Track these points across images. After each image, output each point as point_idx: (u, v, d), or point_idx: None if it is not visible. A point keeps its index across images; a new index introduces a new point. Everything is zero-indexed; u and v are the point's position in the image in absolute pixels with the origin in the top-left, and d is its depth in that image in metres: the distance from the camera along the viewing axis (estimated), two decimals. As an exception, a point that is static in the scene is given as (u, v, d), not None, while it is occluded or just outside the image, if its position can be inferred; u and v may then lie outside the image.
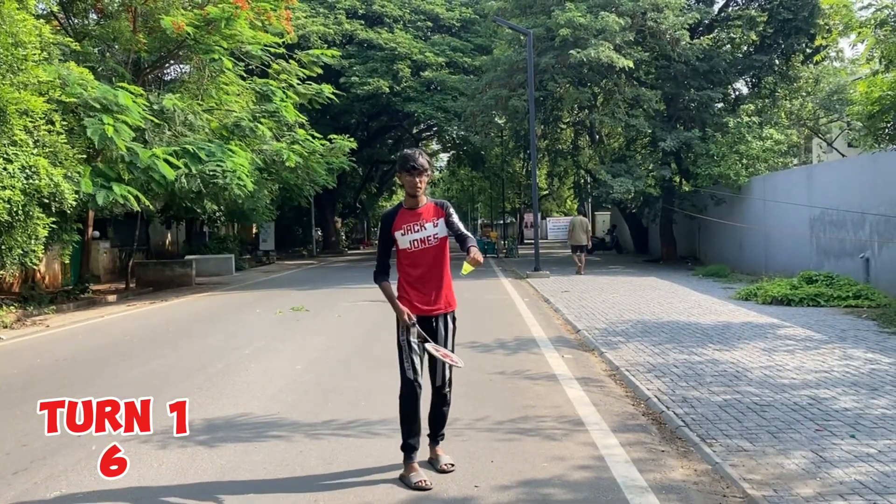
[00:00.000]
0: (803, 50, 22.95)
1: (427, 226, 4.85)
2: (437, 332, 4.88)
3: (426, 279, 4.88)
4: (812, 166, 20.72)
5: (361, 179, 48.67)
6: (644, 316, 11.59)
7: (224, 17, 17.41)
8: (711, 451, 4.93)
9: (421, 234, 4.84)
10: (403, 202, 4.93)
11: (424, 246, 4.85)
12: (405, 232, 4.83)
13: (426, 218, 4.86)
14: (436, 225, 4.87)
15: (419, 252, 4.86)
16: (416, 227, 4.83)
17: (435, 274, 4.91)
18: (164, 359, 9.33)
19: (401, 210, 4.89)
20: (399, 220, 4.84)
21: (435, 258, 4.91)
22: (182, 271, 22.31)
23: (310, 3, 34.52)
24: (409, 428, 4.81)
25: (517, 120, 25.81)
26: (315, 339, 10.69)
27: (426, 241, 4.85)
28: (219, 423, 6.08)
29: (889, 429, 5.33)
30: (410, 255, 4.85)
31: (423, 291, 4.87)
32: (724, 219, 20.20)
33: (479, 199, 68.17)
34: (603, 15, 20.86)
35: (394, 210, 4.94)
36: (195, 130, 17.50)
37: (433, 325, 4.89)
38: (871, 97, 10.59)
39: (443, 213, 4.91)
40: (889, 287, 12.36)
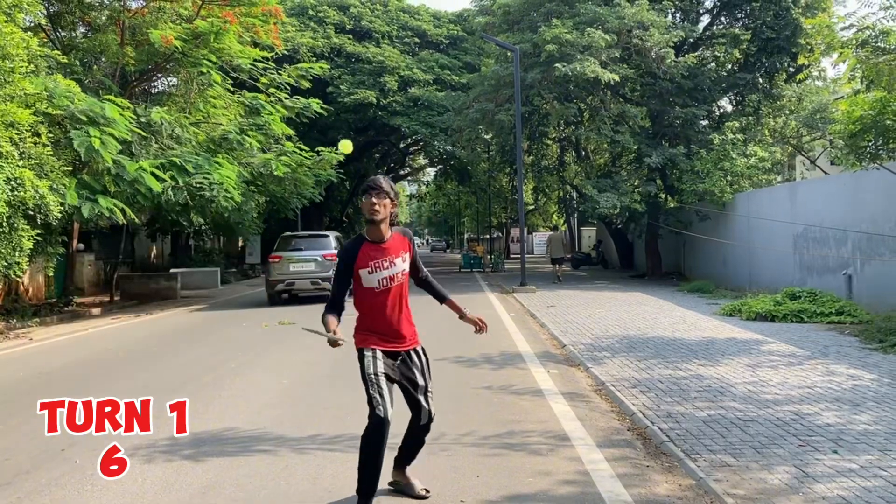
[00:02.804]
0: (786, 69, 23.25)
1: (396, 261, 4.33)
2: (413, 365, 4.48)
3: (393, 318, 4.40)
4: (795, 184, 20.93)
5: (348, 193, 48.63)
6: (629, 331, 11.65)
7: (213, 31, 17.44)
8: (696, 467, 4.97)
9: (390, 270, 4.31)
10: (366, 233, 4.37)
11: (392, 284, 4.33)
12: (372, 270, 4.29)
13: (394, 252, 4.33)
14: (404, 260, 4.40)
15: (385, 291, 4.33)
16: (384, 264, 4.29)
17: (400, 310, 4.43)
18: (148, 372, 9.28)
19: (364, 244, 4.33)
20: (363, 255, 4.29)
21: (401, 294, 4.43)
22: (167, 284, 22.22)
23: (299, 18, 34.66)
24: (371, 475, 4.25)
25: (503, 135, 25.94)
26: (301, 353, 10.67)
27: (394, 278, 4.33)
28: (204, 437, 6.06)
29: (871, 444, 5.38)
30: (376, 296, 4.33)
31: (389, 333, 4.41)
32: (709, 235, 20.35)
33: (466, 213, 68.29)
34: (589, 31, 21.06)
35: (355, 243, 4.35)
36: (182, 143, 17.49)
37: (406, 360, 4.48)
38: (852, 116, 10.72)
39: (409, 247, 4.47)
40: (871, 303, 12.49)
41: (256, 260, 34.69)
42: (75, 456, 5.66)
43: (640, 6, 21.62)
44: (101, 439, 5.81)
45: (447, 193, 62.65)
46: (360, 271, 4.30)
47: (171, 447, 5.71)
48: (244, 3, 18.85)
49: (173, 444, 5.76)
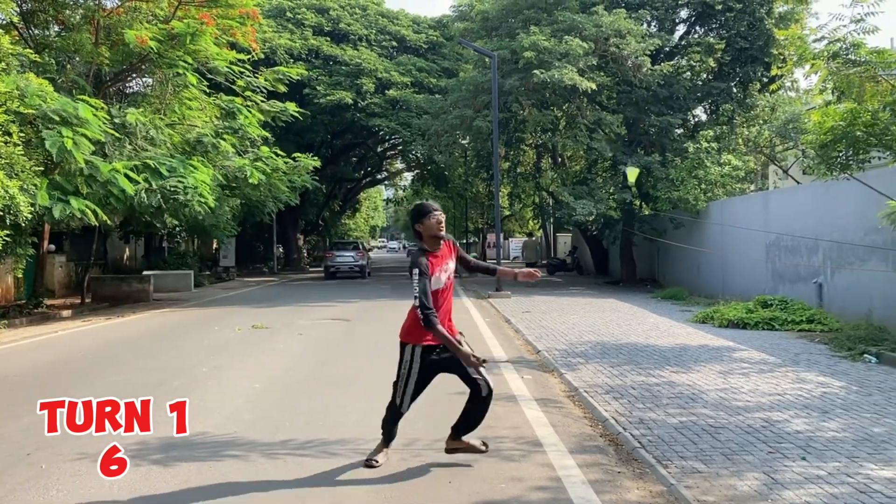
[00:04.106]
0: (760, 79, 23.53)
1: (450, 263, 5.20)
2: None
3: (446, 310, 5.21)
4: (768, 193, 21.18)
5: (325, 197, 48.48)
6: (603, 337, 11.70)
7: (189, 32, 17.28)
8: (667, 473, 4.99)
9: (447, 272, 5.16)
10: (426, 246, 5.12)
11: (449, 282, 5.19)
12: (438, 274, 5.08)
13: (447, 257, 5.19)
14: (453, 261, 5.26)
15: (445, 289, 5.18)
16: (444, 268, 5.13)
17: (449, 303, 5.29)
18: (118, 376, 9.16)
19: (428, 255, 5.08)
20: (431, 264, 5.04)
21: (451, 292, 5.30)
22: (140, 287, 21.98)
23: (277, 20, 34.53)
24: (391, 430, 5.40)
25: (481, 140, 26.00)
26: (274, 357, 10.60)
27: (450, 277, 5.20)
28: (174, 441, 5.98)
29: (838, 451, 5.45)
30: (438, 294, 5.11)
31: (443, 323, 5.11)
32: (683, 242, 20.52)
33: (443, 218, 68.18)
34: (567, 39, 21.18)
35: (424, 255, 5.06)
36: (157, 145, 17.30)
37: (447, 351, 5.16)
38: (823, 127, 10.86)
39: (455, 249, 5.32)
40: (841, 312, 12.65)
41: (231, 263, 34.39)
42: (41, 461, 5.57)
43: (618, 15, 21.80)
44: (68, 444, 5.74)
45: (424, 198, 62.55)
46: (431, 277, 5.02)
47: (140, 452, 5.63)
48: (221, 5, 18.70)
49: (141, 449, 5.69)
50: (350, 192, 55.28)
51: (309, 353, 10.97)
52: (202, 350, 11.34)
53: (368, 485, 4.97)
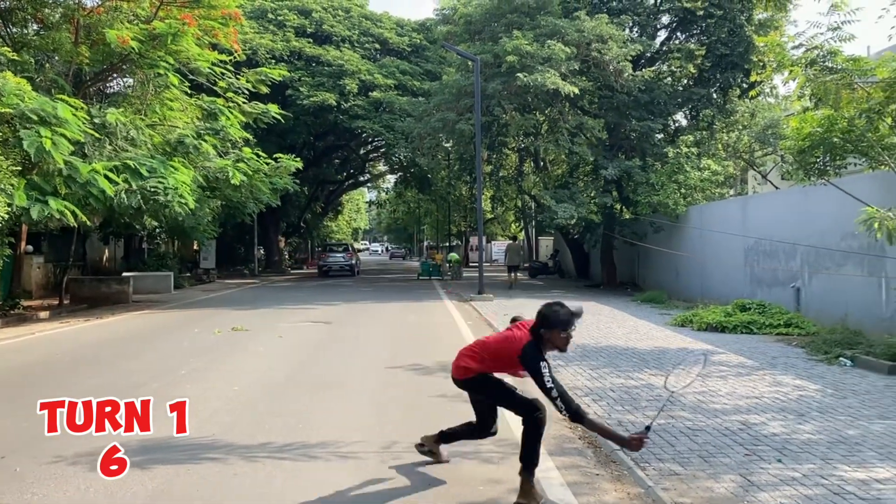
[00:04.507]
0: (740, 85, 23.75)
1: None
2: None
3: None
4: (747, 197, 21.37)
5: (307, 199, 48.30)
6: (583, 340, 11.75)
7: (170, 32, 17.18)
8: (644, 475, 5.03)
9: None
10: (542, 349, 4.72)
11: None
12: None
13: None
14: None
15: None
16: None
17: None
18: (96, 378, 9.09)
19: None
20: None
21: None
22: (119, 288, 21.80)
23: (259, 21, 34.39)
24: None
25: (463, 143, 26.04)
26: (254, 360, 10.56)
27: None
28: (152, 444, 5.94)
29: (813, 453, 5.51)
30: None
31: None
32: (663, 246, 20.65)
33: (426, 221, 68.33)
34: (549, 44, 21.28)
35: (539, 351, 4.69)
36: (137, 146, 17.17)
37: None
38: (801, 133, 10.99)
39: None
40: (818, 316, 12.79)
41: (211, 265, 34.16)
42: (15, 464, 5.52)
43: (600, 20, 21.94)
44: (43, 447, 5.70)
45: (407, 201, 62.65)
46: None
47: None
48: (204, 6, 18.61)
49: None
50: (332, 194, 55.14)
51: (289, 356, 10.94)
52: (181, 352, 11.28)
53: (348, 487, 4.97)
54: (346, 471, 5.32)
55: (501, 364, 5.00)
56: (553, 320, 4.64)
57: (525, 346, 4.68)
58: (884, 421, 6.52)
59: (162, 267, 27.43)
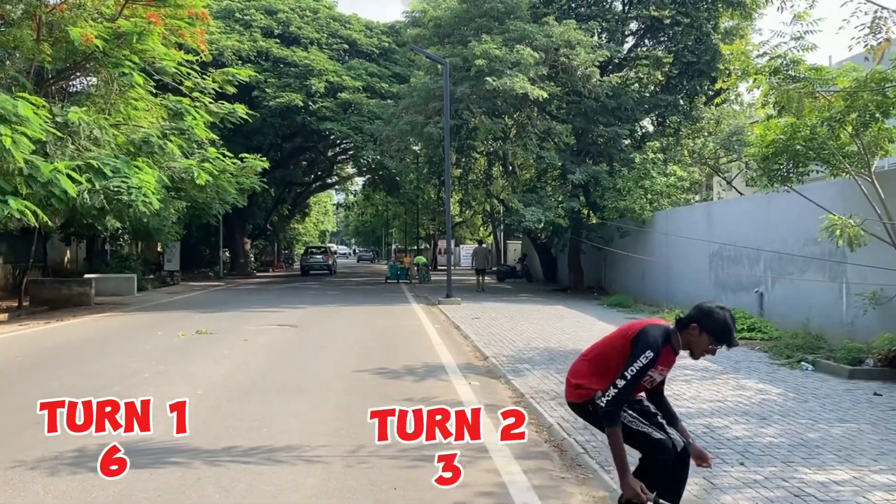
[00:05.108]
0: (706, 92, 24.09)
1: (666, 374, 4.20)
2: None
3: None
4: (712, 203, 21.65)
5: (273, 201, 47.93)
6: (550, 344, 11.81)
7: (136, 31, 16.93)
8: (609, 479, 5.05)
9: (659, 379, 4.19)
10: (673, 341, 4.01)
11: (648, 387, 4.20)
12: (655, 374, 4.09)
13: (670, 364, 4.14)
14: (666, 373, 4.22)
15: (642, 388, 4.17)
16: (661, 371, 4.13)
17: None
18: (56, 381, 8.92)
19: (666, 347, 3.99)
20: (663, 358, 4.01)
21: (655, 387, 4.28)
22: (80, 290, 21.41)
23: (225, 21, 34.08)
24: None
25: (432, 147, 26.04)
26: (219, 363, 10.44)
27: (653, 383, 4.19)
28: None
29: (775, 456, 5.59)
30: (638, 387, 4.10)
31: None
32: (629, 251, 20.84)
33: (394, 224, 68.17)
34: (518, 48, 21.38)
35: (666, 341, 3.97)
36: (101, 145, 16.89)
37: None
38: (765, 140, 11.16)
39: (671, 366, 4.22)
40: (780, 321, 12.99)
41: (176, 267, 33.69)
42: (-28, 469, 5.39)
43: (568, 26, 22.08)
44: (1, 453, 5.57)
45: (375, 204, 62.46)
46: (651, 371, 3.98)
47: (78, 459, 5.50)
48: (170, 5, 18.37)
49: (80, 456, 5.55)
50: (300, 196, 54.81)
51: (254, 359, 10.83)
52: (144, 355, 11.11)
53: (313, 492, 4.93)
54: (311, 475, 5.27)
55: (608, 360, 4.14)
56: (714, 324, 3.86)
57: (650, 327, 3.98)
58: (843, 424, 6.64)
59: (125, 269, 27.05)
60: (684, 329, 3.94)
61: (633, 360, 3.86)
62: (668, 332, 3.99)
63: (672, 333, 3.99)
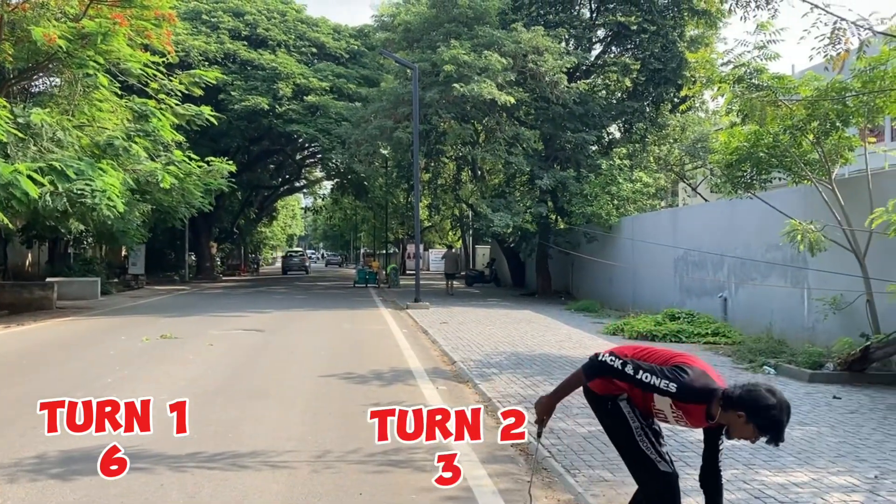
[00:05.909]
0: (671, 99, 24.40)
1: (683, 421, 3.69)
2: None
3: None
4: (677, 209, 21.91)
5: (240, 204, 47.55)
6: (518, 348, 11.86)
7: (101, 32, 16.71)
8: (575, 482, 5.10)
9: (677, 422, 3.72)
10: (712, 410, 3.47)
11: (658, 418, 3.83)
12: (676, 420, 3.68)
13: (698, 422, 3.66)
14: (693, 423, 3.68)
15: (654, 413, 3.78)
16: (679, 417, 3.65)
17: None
18: (16, 387, 8.76)
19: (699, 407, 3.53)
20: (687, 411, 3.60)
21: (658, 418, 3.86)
22: (42, 294, 21.04)
23: (192, 22, 33.78)
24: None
25: (401, 151, 26.06)
26: (184, 368, 10.33)
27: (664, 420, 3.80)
28: (75, 455, 5.76)
29: (736, 459, 5.68)
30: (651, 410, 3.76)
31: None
32: (596, 256, 21.00)
33: (363, 228, 67.95)
34: (486, 54, 21.47)
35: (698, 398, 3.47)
36: (64, 147, 16.64)
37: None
38: (729, 147, 11.35)
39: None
40: (744, 325, 13.18)
41: (140, 270, 33.24)
42: (-72, 477, 5.28)
43: (536, 32, 22.23)
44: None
45: (344, 207, 62.24)
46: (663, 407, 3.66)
47: (38, 465, 5.41)
48: (136, 6, 18.16)
49: (40, 463, 5.47)
50: (267, 200, 54.45)
51: (220, 364, 10.73)
52: (107, 360, 10.95)
53: (279, 497, 4.90)
54: (276, 480, 5.24)
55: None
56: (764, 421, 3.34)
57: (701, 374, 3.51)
58: (802, 427, 6.76)
59: (88, 272, 26.64)
60: (728, 409, 3.42)
61: (658, 373, 3.47)
62: (713, 393, 3.46)
63: (715, 398, 3.46)
